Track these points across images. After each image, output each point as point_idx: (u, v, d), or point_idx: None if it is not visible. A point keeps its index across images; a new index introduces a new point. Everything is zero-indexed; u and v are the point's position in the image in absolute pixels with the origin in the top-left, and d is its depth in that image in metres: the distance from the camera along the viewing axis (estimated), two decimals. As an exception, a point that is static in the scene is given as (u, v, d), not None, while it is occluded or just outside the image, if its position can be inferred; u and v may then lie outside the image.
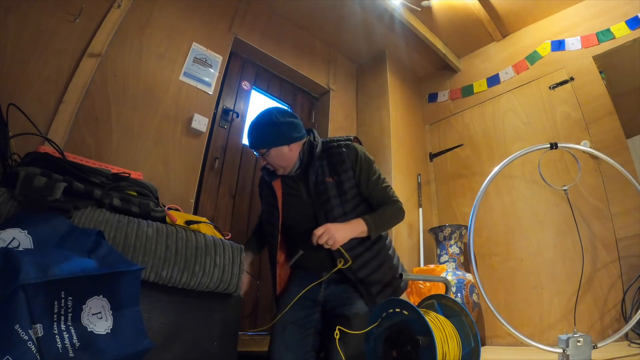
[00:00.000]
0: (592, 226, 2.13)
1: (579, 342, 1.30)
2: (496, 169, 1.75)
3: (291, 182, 1.37)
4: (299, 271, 1.39)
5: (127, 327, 0.71)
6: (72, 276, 0.65)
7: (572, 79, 2.46)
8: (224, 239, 1.14)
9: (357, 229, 1.24)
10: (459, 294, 2.18)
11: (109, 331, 0.68)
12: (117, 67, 1.84)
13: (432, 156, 3.11)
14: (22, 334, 0.57)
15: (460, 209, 2.80)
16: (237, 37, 2.43)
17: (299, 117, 1.39)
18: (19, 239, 0.70)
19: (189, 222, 1.09)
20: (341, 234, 1.20)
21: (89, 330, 0.65)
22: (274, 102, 2.75)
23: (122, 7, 1.87)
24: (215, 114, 2.26)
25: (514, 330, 1.48)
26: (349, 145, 1.34)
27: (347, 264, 1.23)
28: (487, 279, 2.45)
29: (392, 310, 0.97)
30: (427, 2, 2.62)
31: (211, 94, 2.19)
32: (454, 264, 2.35)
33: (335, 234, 1.19)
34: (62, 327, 0.62)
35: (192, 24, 2.22)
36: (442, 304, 1.05)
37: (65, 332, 0.62)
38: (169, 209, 1.10)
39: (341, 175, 1.29)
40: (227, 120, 2.35)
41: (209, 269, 1.01)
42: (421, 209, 2.81)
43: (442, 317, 1.00)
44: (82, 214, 0.87)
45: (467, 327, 0.97)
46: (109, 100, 1.78)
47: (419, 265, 2.60)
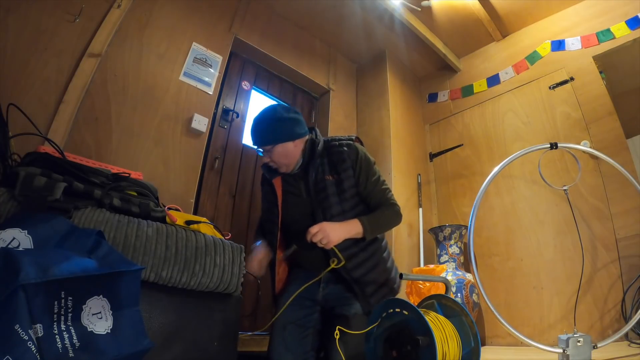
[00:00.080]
0: (592, 226, 2.13)
1: (579, 342, 1.30)
2: (496, 169, 1.75)
3: (292, 181, 1.36)
4: (297, 271, 1.39)
5: (127, 327, 0.71)
6: (72, 276, 0.65)
7: (572, 79, 2.46)
8: (224, 239, 1.14)
9: (353, 229, 1.24)
10: (459, 294, 2.18)
11: (109, 331, 0.68)
12: (117, 67, 1.84)
13: (432, 156, 3.11)
14: (22, 334, 0.56)
15: (460, 209, 2.80)
16: (237, 37, 2.43)
17: None
18: (19, 239, 0.70)
19: (189, 222, 1.09)
20: (335, 233, 1.20)
21: (89, 330, 0.65)
22: (274, 102, 2.75)
23: (122, 7, 1.87)
24: (215, 114, 2.26)
25: (514, 330, 1.48)
26: (351, 144, 1.34)
27: (340, 263, 1.22)
28: (487, 279, 2.45)
29: (392, 310, 0.97)
30: (427, 2, 2.62)
31: (211, 94, 2.19)
32: (454, 264, 2.35)
33: (329, 233, 1.18)
34: (62, 327, 0.62)
35: (192, 23, 2.22)
36: (442, 304, 1.05)
37: (65, 332, 0.62)
38: (169, 209, 1.10)
39: (341, 174, 1.29)
40: (227, 120, 2.35)
41: (209, 269, 1.01)
42: (421, 209, 2.81)
43: (442, 317, 1.00)
44: (82, 214, 0.87)
45: (467, 327, 0.97)
46: (109, 100, 1.78)
47: (419, 265, 2.60)
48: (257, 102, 2.65)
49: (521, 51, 2.81)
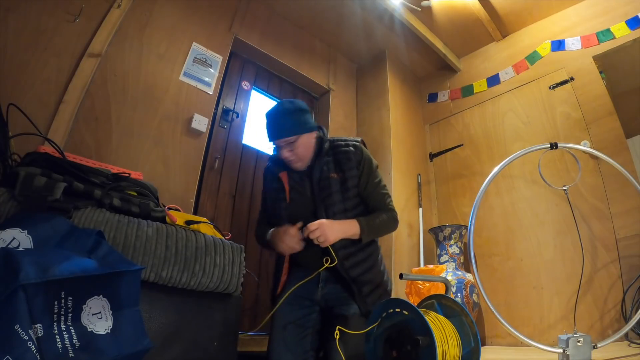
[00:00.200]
0: (592, 226, 2.13)
1: (579, 342, 1.30)
2: (496, 169, 1.75)
3: (297, 178, 1.36)
4: (297, 269, 1.38)
5: (127, 327, 0.71)
6: (72, 276, 0.65)
7: (572, 79, 2.46)
8: (224, 239, 1.14)
9: (350, 230, 1.24)
10: (459, 294, 2.18)
11: (109, 331, 0.68)
12: (117, 67, 1.84)
13: (432, 156, 3.11)
14: (22, 334, 0.57)
15: (460, 209, 2.80)
16: (237, 37, 2.43)
17: None
18: (19, 239, 0.70)
19: (189, 222, 1.09)
20: (333, 232, 1.20)
21: (89, 330, 0.65)
22: (274, 102, 2.75)
23: (122, 7, 1.87)
24: (215, 114, 2.26)
25: (514, 330, 1.48)
26: (357, 145, 1.36)
27: (333, 263, 1.23)
28: (487, 279, 2.45)
29: (392, 310, 0.97)
30: (427, 2, 2.62)
31: (211, 93, 2.19)
32: (454, 264, 2.35)
33: (327, 231, 1.18)
34: (62, 327, 0.62)
35: (192, 23, 2.22)
36: (442, 304, 1.05)
37: (65, 332, 0.62)
38: (169, 209, 1.10)
39: (346, 172, 1.30)
40: (227, 120, 2.35)
41: (209, 269, 1.01)
42: (421, 209, 2.81)
43: (442, 317, 1.00)
44: (82, 214, 0.87)
45: (467, 327, 0.97)
46: (109, 100, 1.78)
47: (419, 265, 2.60)
48: (257, 102, 2.65)
49: (521, 51, 2.81)
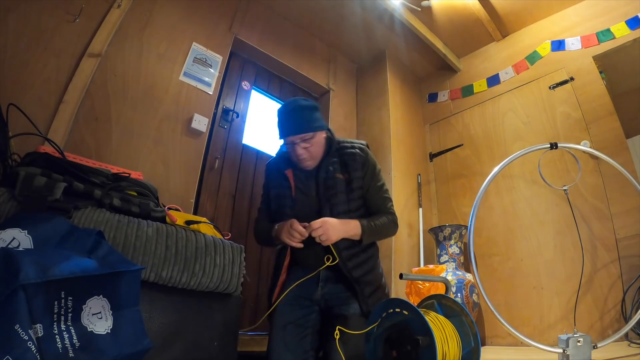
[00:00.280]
0: (592, 226, 2.13)
1: (579, 342, 1.30)
2: (496, 169, 1.75)
3: (303, 178, 1.36)
4: (296, 268, 1.38)
5: (127, 327, 0.71)
6: (72, 276, 0.65)
7: (572, 79, 2.46)
8: (224, 239, 1.14)
9: (351, 230, 1.25)
10: (459, 294, 2.18)
11: (109, 331, 0.68)
12: (117, 67, 1.84)
13: (432, 156, 3.11)
14: (22, 334, 0.57)
15: (460, 209, 2.80)
16: (237, 37, 2.43)
17: None
18: (19, 239, 0.70)
19: (189, 222, 1.09)
20: (335, 232, 1.21)
21: (89, 330, 0.65)
22: (274, 102, 2.75)
23: (122, 7, 1.87)
24: (215, 114, 2.26)
25: (514, 330, 1.48)
26: (363, 148, 1.37)
27: (334, 261, 1.23)
28: (487, 279, 2.45)
29: (392, 310, 0.97)
30: (427, 2, 2.62)
31: (211, 94, 2.19)
32: (454, 264, 2.35)
33: (329, 230, 1.19)
34: (62, 327, 0.62)
35: (192, 23, 2.22)
36: (442, 304, 1.05)
37: (65, 332, 0.62)
38: (169, 209, 1.10)
39: (352, 174, 1.31)
40: (227, 120, 2.35)
41: (209, 269, 1.01)
42: (421, 209, 2.81)
43: (442, 317, 0.99)
44: (82, 214, 0.87)
45: (467, 327, 0.97)
46: (109, 100, 1.78)
47: (419, 265, 2.60)
48: (257, 102, 2.65)
49: (521, 51, 2.81)
